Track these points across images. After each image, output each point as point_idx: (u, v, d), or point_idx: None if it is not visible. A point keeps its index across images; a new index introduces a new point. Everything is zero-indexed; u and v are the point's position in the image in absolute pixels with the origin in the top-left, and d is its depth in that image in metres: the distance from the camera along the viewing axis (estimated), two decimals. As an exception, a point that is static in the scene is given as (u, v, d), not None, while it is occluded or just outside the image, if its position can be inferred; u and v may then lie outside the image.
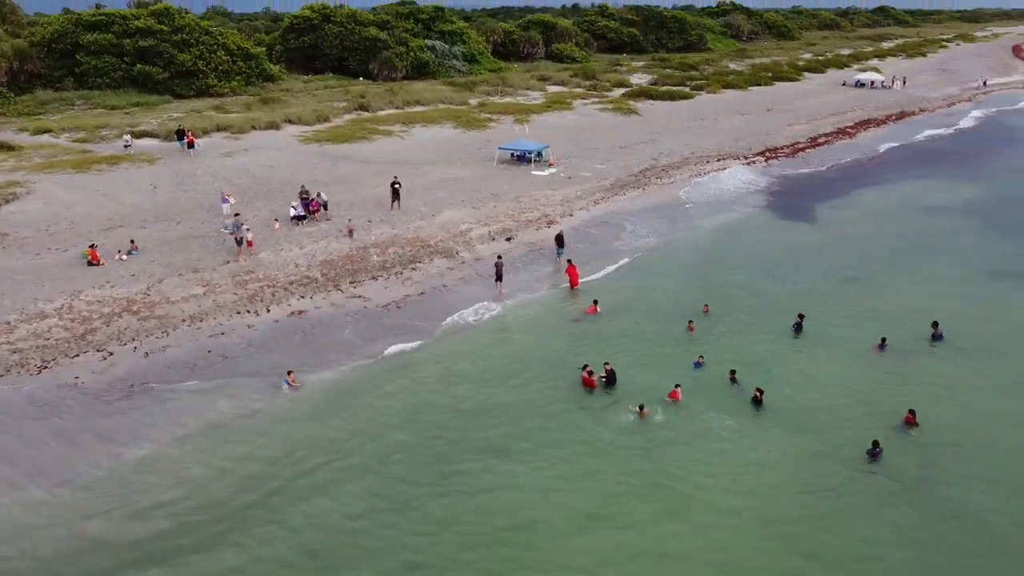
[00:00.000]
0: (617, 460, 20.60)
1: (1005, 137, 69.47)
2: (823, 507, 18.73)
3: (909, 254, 37.67)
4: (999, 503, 18.83)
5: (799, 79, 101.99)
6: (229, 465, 20.47)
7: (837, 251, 38.12)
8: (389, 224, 38.16)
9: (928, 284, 33.60)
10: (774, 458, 20.48)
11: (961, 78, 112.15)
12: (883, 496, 19.06)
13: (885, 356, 26.36)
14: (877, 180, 52.77)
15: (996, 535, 17.78)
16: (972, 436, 21.52)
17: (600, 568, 16.81)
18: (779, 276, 34.56)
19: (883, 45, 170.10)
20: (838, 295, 32.17)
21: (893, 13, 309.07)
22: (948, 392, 23.85)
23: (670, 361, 26.18)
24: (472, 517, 18.40)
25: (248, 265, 32.59)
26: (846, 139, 66.11)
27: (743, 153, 58.06)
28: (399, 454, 20.99)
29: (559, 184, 46.78)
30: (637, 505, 18.76)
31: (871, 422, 22.07)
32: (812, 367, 25.55)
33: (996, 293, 32.67)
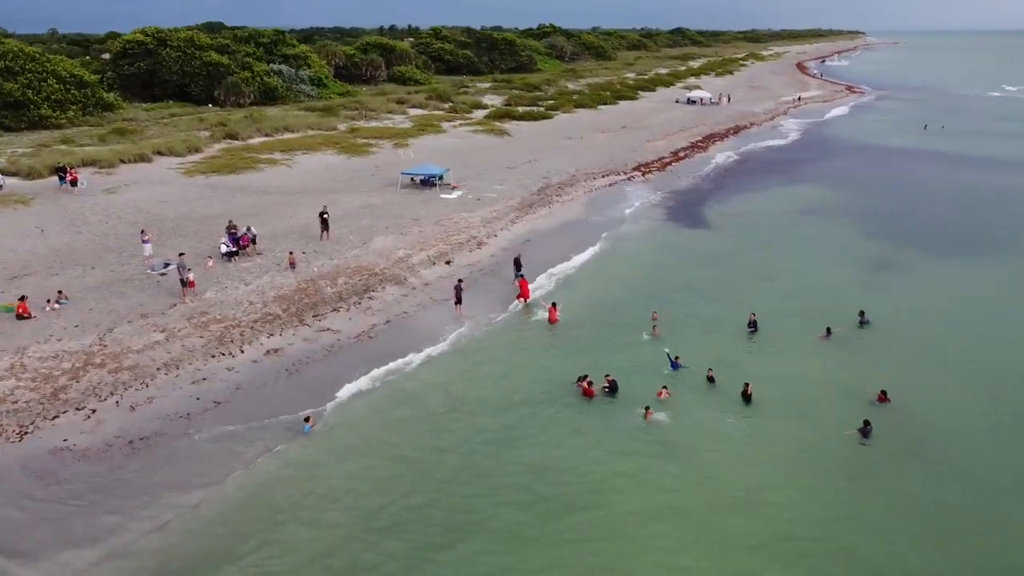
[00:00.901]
0: (642, 461, 22.10)
1: (829, 145, 78.70)
2: (839, 484, 21.26)
3: (804, 252, 42.38)
4: (978, 460, 22.26)
5: (637, 98, 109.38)
6: (280, 517, 19.98)
7: (744, 253, 42.10)
8: (326, 255, 37.64)
9: (830, 278, 38.05)
10: (782, 446, 22.85)
11: (772, 94, 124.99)
12: (884, 467, 21.94)
13: (832, 343, 29.91)
14: (747, 188, 58.32)
15: (981, 487, 21.07)
16: (933, 406, 25.11)
17: (673, 555, 18.22)
18: (705, 280, 37.78)
19: (691, 64, 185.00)
20: (763, 293, 35.72)
21: (689, 34, 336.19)
22: (895, 369, 27.52)
23: (646, 364, 28.12)
24: (546, 520, 19.21)
25: (199, 306, 31.14)
26: (701, 152, 72.19)
27: (621, 169, 61.98)
28: (455, 482, 21.35)
29: (471, 206, 47.92)
30: (680, 498, 20.36)
31: (847, 403, 25.17)
32: (776, 359, 28.51)
33: (886, 281, 37.64)
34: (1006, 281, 38.06)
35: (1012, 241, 44.43)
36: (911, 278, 38.22)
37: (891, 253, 42.04)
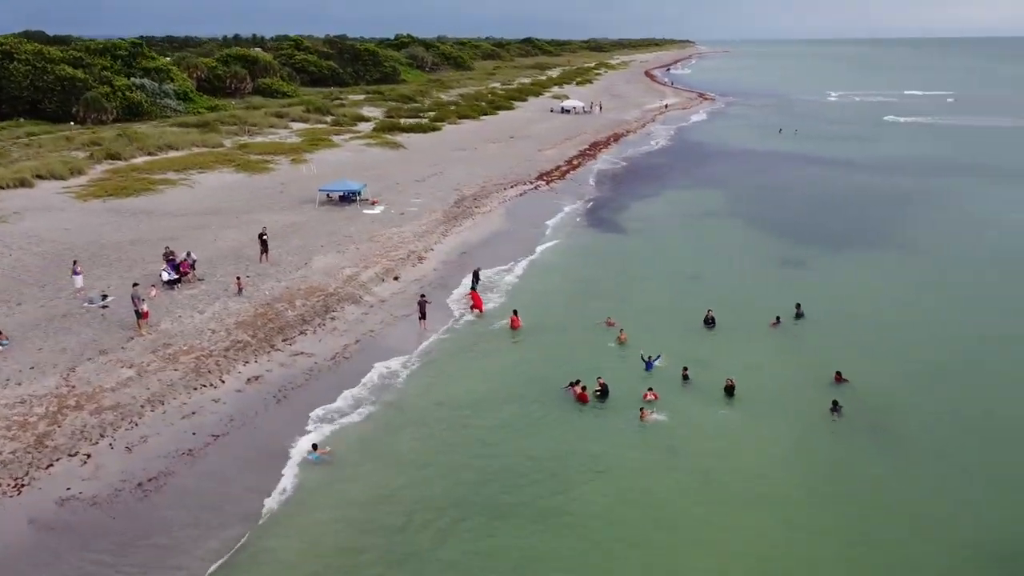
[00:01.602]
0: (653, 462, 23.56)
1: (703, 150, 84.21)
2: (831, 458, 23.69)
3: (719, 252, 45.63)
4: (935, 428, 25.37)
5: (512, 108, 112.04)
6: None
7: (666, 255, 44.89)
8: (271, 277, 36.81)
9: (749, 276, 41.30)
10: (771, 433, 24.95)
11: (635, 101, 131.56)
12: (860, 440, 24.60)
13: (779, 333, 32.80)
14: (647, 193, 61.65)
15: (944, 448, 24.16)
16: (880, 381, 28.21)
17: (712, 543, 19.80)
18: (640, 283, 39.98)
19: (550, 74, 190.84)
20: (696, 292, 38.29)
21: (538, 44, 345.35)
22: (837, 352, 30.52)
23: (622, 366, 29.73)
24: (580, 523, 20.28)
25: (158, 338, 29.80)
26: (592, 160, 75.42)
27: (526, 179, 63.82)
28: (487, 492, 21.90)
29: (398, 221, 48.03)
30: (693, 491, 22.02)
31: (811, 386, 27.86)
32: (736, 352, 30.88)
33: (796, 275, 41.29)
34: (896, 270, 42.76)
35: (888, 235, 49.74)
36: (816, 271, 42.15)
37: (793, 249, 46.07)
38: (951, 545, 19.58)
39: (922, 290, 39.47)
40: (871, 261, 44.08)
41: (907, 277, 41.57)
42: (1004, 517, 20.73)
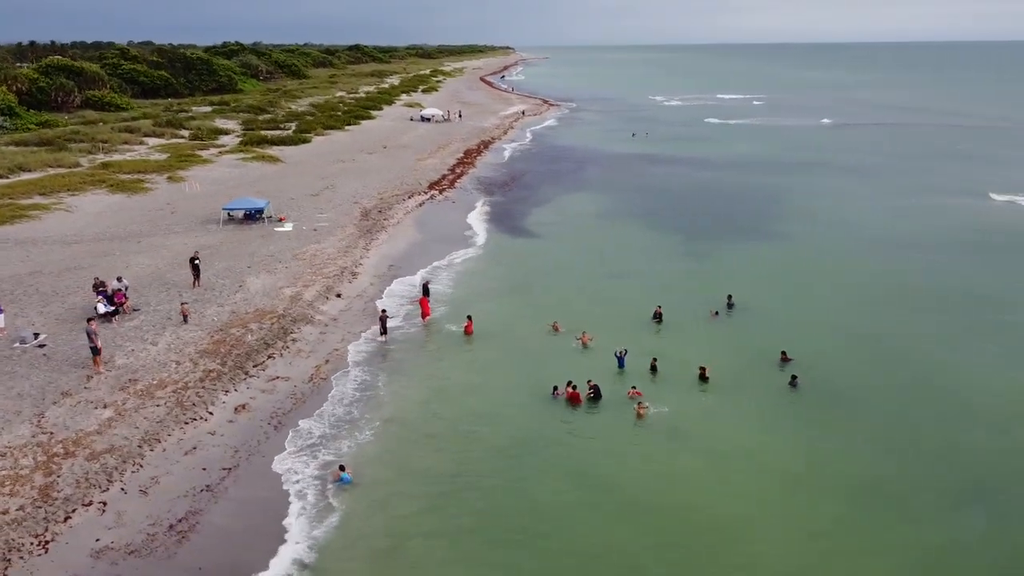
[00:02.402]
0: (658, 450, 25.50)
1: (572, 155, 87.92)
2: (806, 426, 26.59)
3: (629, 250, 48.50)
4: (872, 388, 28.97)
5: (373, 117, 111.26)
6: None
7: (583, 257, 47.09)
8: (212, 303, 35.40)
9: (664, 271, 44.37)
10: (753, 410, 27.39)
11: (486, 109, 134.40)
12: (821, 408, 27.74)
13: (720, 322, 35.87)
14: (541, 198, 63.90)
15: (884, 403, 27.79)
16: (819, 357, 31.72)
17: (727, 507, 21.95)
18: (568, 284, 41.73)
19: (392, 82, 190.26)
20: (625, 288, 40.83)
21: (367, 50, 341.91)
22: (772, 334, 33.88)
23: (593, 366, 31.39)
24: (611, 518, 21.77)
25: (120, 374, 28.13)
26: (473, 168, 76.88)
27: (418, 189, 64.24)
28: (509, 498, 22.77)
29: (313, 238, 47.20)
30: (710, 473, 24.08)
31: (763, 366, 30.88)
32: (688, 342, 33.54)
33: (706, 268, 44.88)
34: (782, 256, 47.32)
35: (760, 225, 54.75)
36: (718, 262, 45.96)
37: (691, 244, 49.88)
38: (911, 477, 22.83)
39: (811, 272, 43.91)
40: (757, 250, 48.54)
41: (794, 261, 46.19)
42: (940, 446, 24.38)
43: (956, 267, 44.71)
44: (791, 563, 19.77)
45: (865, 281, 42.04)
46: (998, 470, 23.79)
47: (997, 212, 58.95)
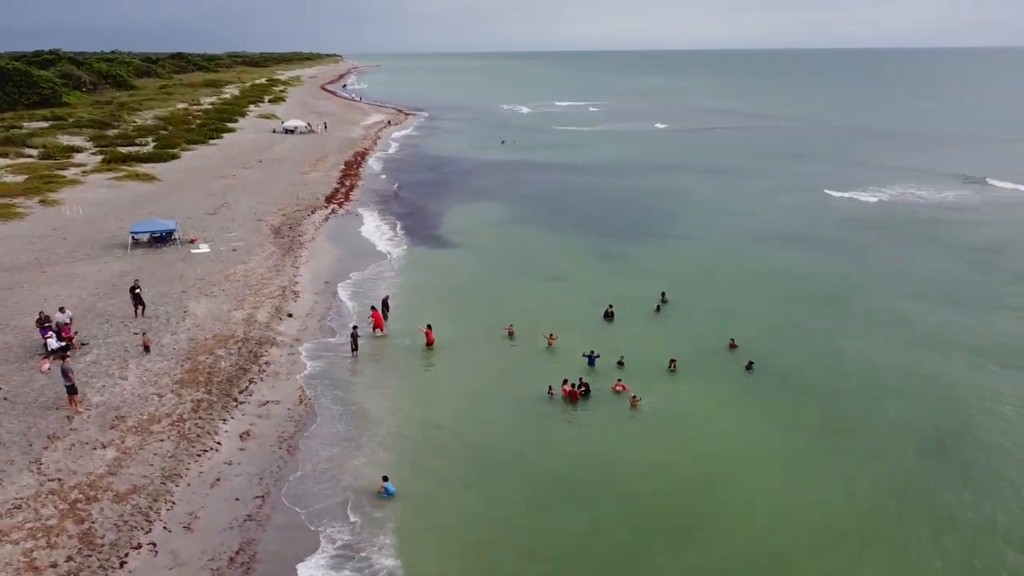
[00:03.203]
0: (661, 436, 27.70)
1: (452, 163, 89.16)
2: (772, 404, 29.70)
3: (553, 254, 50.60)
4: (815, 366, 32.64)
5: (234, 130, 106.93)
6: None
7: (511, 260, 48.64)
8: (165, 331, 33.91)
9: (590, 273, 46.85)
10: (725, 394, 30.07)
11: (348, 119, 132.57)
12: (779, 388, 31.01)
13: (662, 317, 38.70)
14: (443, 208, 64.65)
15: (831, 378, 31.56)
16: (759, 340, 35.18)
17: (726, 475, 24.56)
18: (505, 290, 43.14)
19: (233, 91, 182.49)
20: (564, 290, 43.02)
21: (191, 59, 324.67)
22: (713, 323, 37.17)
23: (567, 364, 33.11)
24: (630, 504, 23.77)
25: (101, 411, 26.70)
26: (358, 179, 76.38)
27: (316, 204, 63.24)
28: (545, 488, 24.11)
29: (235, 258, 45.72)
30: (707, 448, 26.51)
31: (717, 354, 33.93)
32: (641, 337, 36.05)
33: (626, 267, 47.80)
34: (689, 252, 51.32)
35: (659, 224, 58.82)
36: (636, 261, 49.17)
37: (605, 245, 52.75)
38: (857, 434, 26.51)
39: (716, 266, 47.85)
40: (663, 248, 52.34)
41: (698, 258, 50.12)
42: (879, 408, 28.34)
43: (827, 256, 50.27)
44: (796, 522, 22.51)
45: (761, 272, 46.43)
46: (917, 425, 27.89)
47: (842, 206, 65.86)
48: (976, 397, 29.85)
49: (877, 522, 22.34)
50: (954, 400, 29.66)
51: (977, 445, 26.48)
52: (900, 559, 20.88)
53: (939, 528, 22.09)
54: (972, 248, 51.59)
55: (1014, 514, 22.69)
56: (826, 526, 22.30)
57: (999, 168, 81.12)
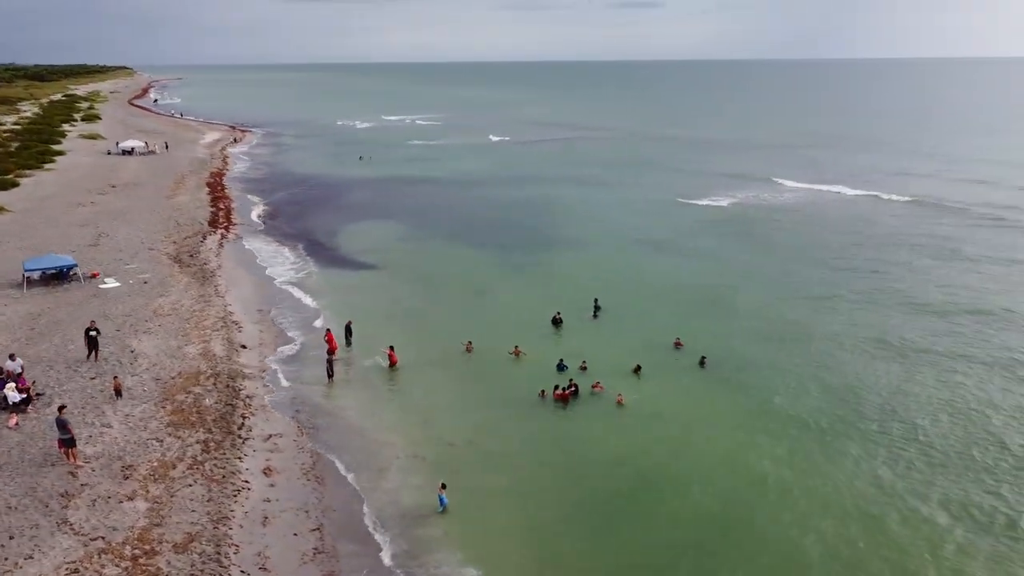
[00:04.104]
0: (650, 424, 30.20)
1: (319, 180, 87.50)
2: (735, 392, 33.04)
3: (471, 268, 51.89)
4: (754, 354, 36.45)
5: (64, 152, 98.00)
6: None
7: (428, 279, 49.25)
8: (125, 374, 31.84)
9: (506, 285, 48.49)
10: (690, 388, 32.98)
11: (184, 138, 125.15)
12: (733, 379, 34.47)
13: (601, 321, 41.24)
14: (338, 227, 63.66)
15: (773, 363, 35.54)
16: (699, 336, 38.63)
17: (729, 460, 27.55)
18: (441, 302, 44.28)
19: (32, 109, 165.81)
20: (496, 302, 44.63)
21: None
22: (652, 326, 40.34)
23: (538, 371, 34.82)
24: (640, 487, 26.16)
25: (104, 463, 25.13)
26: (229, 201, 73.29)
27: (201, 229, 60.33)
28: (577, 476, 25.80)
29: (153, 292, 43.10)
30: (695, 436, 29.17)
31: (666, 352, 36.97)
32: (593, 340, 38.35)
33: (548, 277, 50.14)
34: (598, 258, 54.52)
35: (560, 233, 61.78)
36: (551, 271, 51.51)
37: (511, 257, 54.74)
38: (807, 407, 30.59)
39: (619, 271, 51.25)
40: (567, 255, 55.17)
41: (600, 263, 53.25)
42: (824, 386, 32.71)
43: (711, 256, 55.36)
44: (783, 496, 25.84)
45: (655, 275, 50.39)
46: (827, 406, 32.48)
47: (699, 212, 71.26)
48: (872, 379, 34.54)
49: (804, 475, 26.05)
50: (852, 382, 34.30)
51: (886, 417, 30.76)
52: (824, 502, 24.54)
53: (849, 474, 26.06)
54: (812, 245, 58.48)
55: (890, 459, 27.19)
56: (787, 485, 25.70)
57: (810, 171, 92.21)
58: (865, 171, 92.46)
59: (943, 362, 35.71)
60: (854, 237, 60.17)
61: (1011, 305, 43.10)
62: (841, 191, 79.79)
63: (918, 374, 34.42)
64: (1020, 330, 39.59)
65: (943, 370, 34.83)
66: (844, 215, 68.54)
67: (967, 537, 22.99)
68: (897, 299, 44.75)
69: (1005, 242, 57.75)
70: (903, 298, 44.88)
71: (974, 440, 28.55)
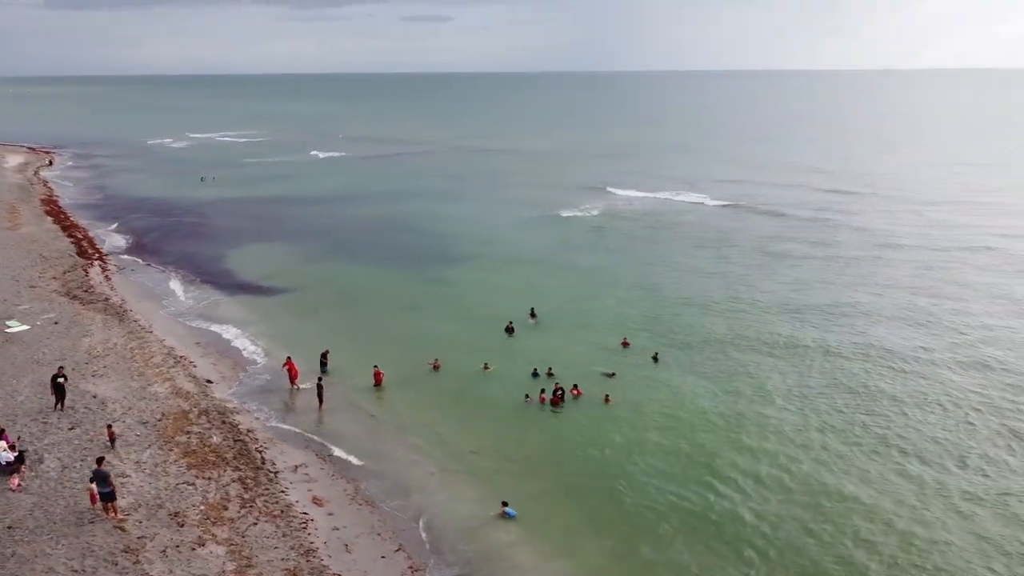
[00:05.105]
0: (638, 417, 32.85)
1: (161, 204, 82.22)
2: (696, 381, 36.50)
3: (387, 286, 51.85)
4: (699, 354, 40.29)
5: None
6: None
7: (349, 300, 48.88)
8: (101, 421, 29.63)
9: (426, 300, 48.98)
10: (657, 382, 35.81)
11: None
12: (688, 370, 38.01)
13: (542, 327, 43.31)
14: (214, 254, 60.60)
15: (715, 352, 39.59)
16: (646, 340, 41.94)
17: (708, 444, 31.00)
18: (375, 325, 44.07)
19: None
20: (429, 316, 45.33)
21: None
22: (589, 329, 43.13)
23: (512, 381, 36.37)
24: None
25: (146, 513, 23.78)
26: (73, 228, 67.20)
27: (75, 263, 55.34)
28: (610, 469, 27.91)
29: (70, 332, 39.45)
30: (681, 420, 32.29)
31: (616, 352, 39.81)
32: (550, 345, 40.35)
33: (462, 291, 51.27)
34: (509, 270, 56.40)
35: (456, 248, 62.92)
36: (467, 283, 52.81)
37: (426, 271, 55.28)
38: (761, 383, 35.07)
39: (530, 278, 53.64)
40: (476, 268, 56.76)
41: (510, 273, 55.32)
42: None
43: (600, 264, 58.90)
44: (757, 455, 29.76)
45: (563, 278, 53.94)
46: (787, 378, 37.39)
47: (576, 221, 75.64)
48: (810, 346, 40.00)
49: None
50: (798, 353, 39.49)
51: (824, 384, 36.07)
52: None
53: (797, 429, 30.76)
54: (674, 251, 64.57)
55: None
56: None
57: (648, 179, 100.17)
58: (693, 178, 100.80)
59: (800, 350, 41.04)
60: (714, 242, 65.61)
61: (833, 299, 48.81)
62: (685, 198, 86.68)
63: (792, 361, 39.28)
64: (839, 319, 45.04)
65: (795, 357, 40.02)
66: (698, 221, 74.34)
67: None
68: (757, 296, 49.32)
69: (825, 239, 65.90)
70: (762, 295, 49.48)
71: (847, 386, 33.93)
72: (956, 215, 75.25)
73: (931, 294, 49.52)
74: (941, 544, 23.95)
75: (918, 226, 70.41)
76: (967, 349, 39.94)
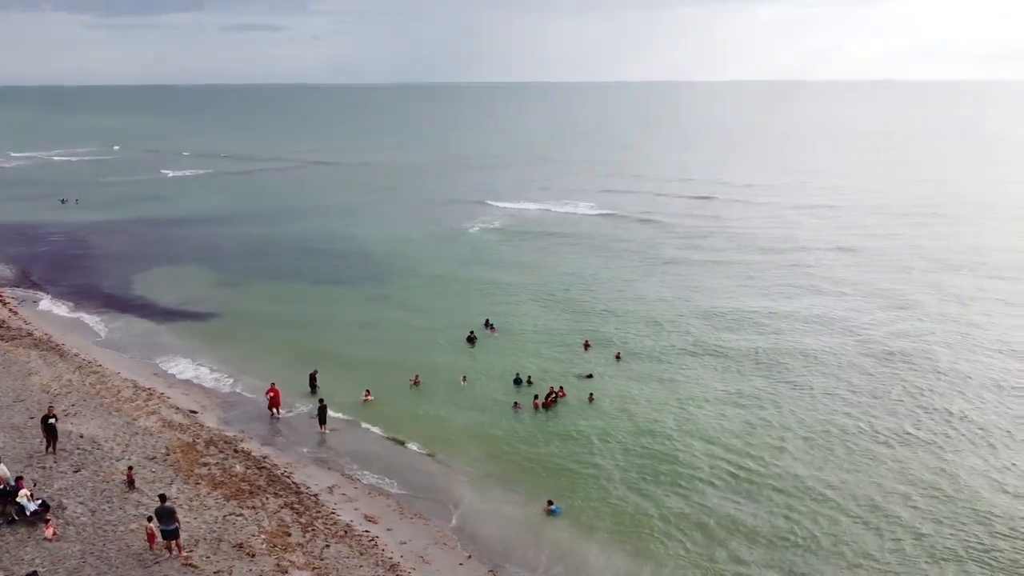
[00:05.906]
0: (622, 411, 34.96)
1: (30, 230, 75.87)
2: (666, 374, 39.23)
3: (332, 306, 51.03)
4: (653, 348, 43.23)
5: None
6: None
7: (309, 320, 47.81)
8: (104, 461, 28.07)
9: (394, 313, 49.46)
10: (631, 380, 38.03)
11: None
12: (649, 366, 40.70)
13: (501, 337, 44.58)
14: (115, 284, 57.06)
15: (684, 362, 42.71)
16: (602, 335, 44.22)
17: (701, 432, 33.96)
18: (341, 342, 44.02)
19: None
20: (389, 330, 45.62)
21: None
22: (547, 332, 45.07)
23: (493, 390, 37.62)
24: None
25: (209, 549, 23.17)
26: None
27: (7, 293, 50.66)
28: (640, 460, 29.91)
29: (11, 370, 36.38)
30: (661, 413, 34.59)
31: (578, 353, 41.98)
32: (513, 351, 41.76)
33: (405, 306, 51.60)
34: (439, 283, 56.86)
35: (382, 264, 62.26)
36: (409, 298, 52.75)
37: (364, 289, 54.96)
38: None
39: (463, 290, 54.71)
40: (415, 284, 56.74)
41: (443, 286, 56.01)
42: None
43: (529, 272, 61.13)
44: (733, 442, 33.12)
45: (494, 288, 55.52)
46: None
47: (479, 235, 76.75)
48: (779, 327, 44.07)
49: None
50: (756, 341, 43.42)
51: (784, 375, 40.20)
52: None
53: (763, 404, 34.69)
54: (583, 260, 68.35)
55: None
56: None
57: (534, 191, 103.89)
58: (569, 188, 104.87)
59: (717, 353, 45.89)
60: (610, 251, 68.75)
61: (734, 302, 53.75)
62: (568, 209, 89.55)
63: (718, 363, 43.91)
64: (721, 321, 50.39)
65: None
66: (591, 232, 77.04)
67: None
68: (663, 296, 53.54)
69: (706, 244, 71.31)
70: (671, 297, 53.12)
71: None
72: (810, 218, 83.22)
73: (815, 292, 54.59)
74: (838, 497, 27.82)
75: (781, 228, 77.59)
76: (869, 344, 43.88)
